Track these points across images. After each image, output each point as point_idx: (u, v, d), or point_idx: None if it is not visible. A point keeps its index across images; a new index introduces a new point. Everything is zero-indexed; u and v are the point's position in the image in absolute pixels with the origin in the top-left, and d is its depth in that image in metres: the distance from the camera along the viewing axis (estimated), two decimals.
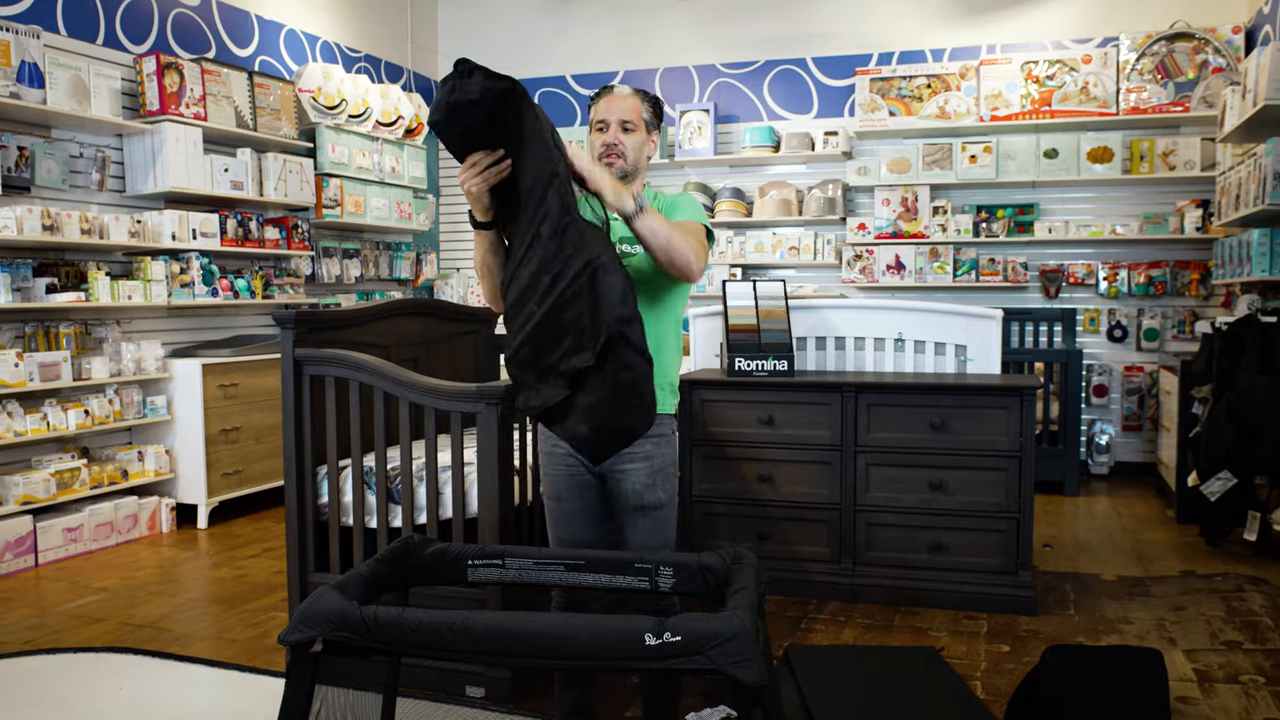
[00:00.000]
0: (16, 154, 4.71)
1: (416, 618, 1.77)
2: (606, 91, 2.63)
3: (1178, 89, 6.37)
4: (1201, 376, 4.99)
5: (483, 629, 1.75)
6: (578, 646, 1.75)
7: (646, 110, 2.60)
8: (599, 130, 2.59)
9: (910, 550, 4.02)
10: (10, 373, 4.55)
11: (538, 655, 1.76)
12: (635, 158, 2.56)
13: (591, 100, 2.65)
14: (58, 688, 3.23)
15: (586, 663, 1.78)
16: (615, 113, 2.56)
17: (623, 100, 2.59)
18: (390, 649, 1.81)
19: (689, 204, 2.63)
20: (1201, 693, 3.10)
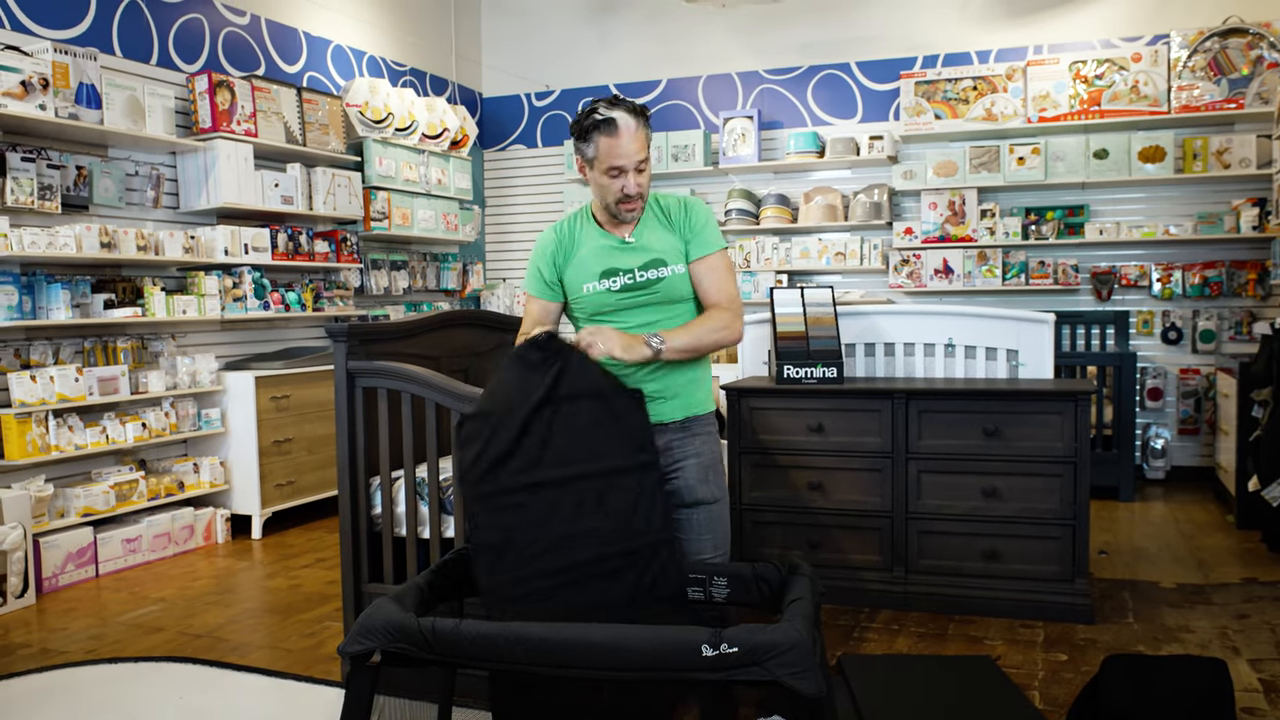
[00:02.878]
0: (75, 173, 4.81)
1: (474, 629, 1.79)
2: (609, 128, 2.42)
3: (1231, 85, 6.25)
4: (1261, 379, 4.88)
5: (538, 640, 1.76)
6: (634, 658, 1.75)
7: (648, 134, 2.51)
8: (612, 175, 2.45)
9: (964, 558, 3.97)
10: (71, 387, 4.65)
11: (594, 666, 1.76)
12: (648, 191, 2.56)
13: (584, 131, 2.45)
14: (120, 696, 3.28)
15: (642, 674, 1.78)
16: (631, 156, 2.44)
17: (633, 138, 2.44)
18: (447, 660, 1.83)
19: (706, 227, 2.57)
20: (1269, 704, 3.03)
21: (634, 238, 2.54)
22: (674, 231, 2.56)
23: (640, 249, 2.53)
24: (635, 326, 2.53)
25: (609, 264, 2.54)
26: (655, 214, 2.60)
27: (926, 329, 4.36)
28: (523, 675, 1.98)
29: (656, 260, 2.52)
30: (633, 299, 2.52)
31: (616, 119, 2.42)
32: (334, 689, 3.30)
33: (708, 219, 2.58)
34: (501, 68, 8.28)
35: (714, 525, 2.57)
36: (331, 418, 5.68)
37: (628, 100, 2.49)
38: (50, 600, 4.41)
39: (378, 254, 7.05)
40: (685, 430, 2.57)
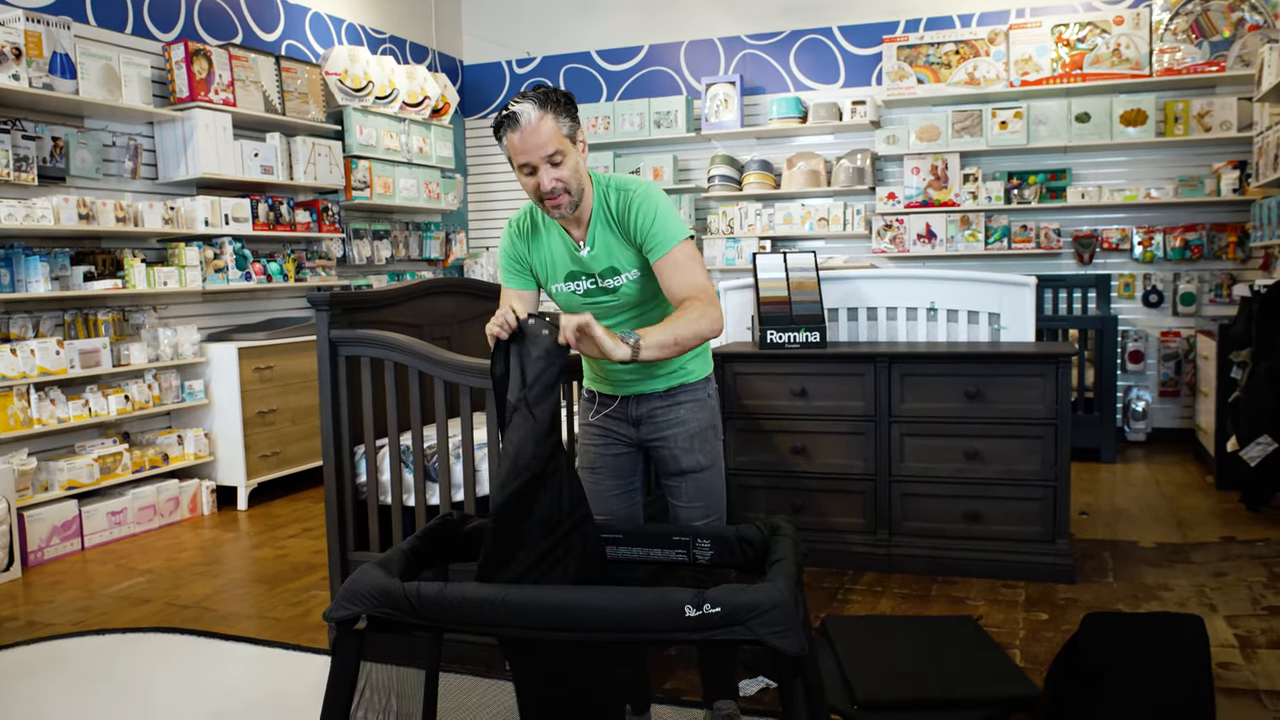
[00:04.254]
0: (51, 144, 4.76)
1: (458, 593, 1.79)
2: (511, 124, 2.24)
3: (1213, 48, 6.26)
4: (1240, 340, 4.92)
5: (523, 603, 1.77)
6: (617, 619, 1.76)
7: (565, 122, 2.27)
8: (526, 173, 2.29)
9: (946, 520, 4.01)
10: (52, 360, 4.62)
11: (578, 629, 1.77)
12: (577, 183, 2.31)
13: (496, 131, 2.28)
14: (108, 667, 3.30)
15: (626, 635, 1.79)
16: (536, 150, 2.24)
17: (536, 132, 2.23)
18: (433, 624, 1.83)
19: (655, 224, 2.34)
20: (1244, 658, 3.08)
21: (588, 245, 2.40)
22: (623, 235, 2.39)
23: (596, 257, 2.41)
24: (607, 324, 2.45)
25: (571, 267, 2.45)
26: (605, 214, 2.40)
27: (909, 293, 4.38)
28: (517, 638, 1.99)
29: (612, 269, 2.41)
30: (597, 301, 2.46)
31: (518, 113, 2.22)
32: (322, 657, 3.32)
33: (656, 213, 2.35)
34: (482, 35, 8.20)
35: (704, 493, 2.54)
36: (315, 388, 5.67)
37: (542, 89, 2.28)
38: (36, 574, 4.41)
39: (360, 223, 7.02)
40: (669, 398, 2.54)
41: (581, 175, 2.34)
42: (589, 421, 2.62)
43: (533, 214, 2.50)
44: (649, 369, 2.50)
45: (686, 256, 2.34)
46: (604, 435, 2.59)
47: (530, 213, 2.51)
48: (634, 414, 2.55)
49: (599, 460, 2.60)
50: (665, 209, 2.36)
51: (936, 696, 2.83)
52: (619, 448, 2.59)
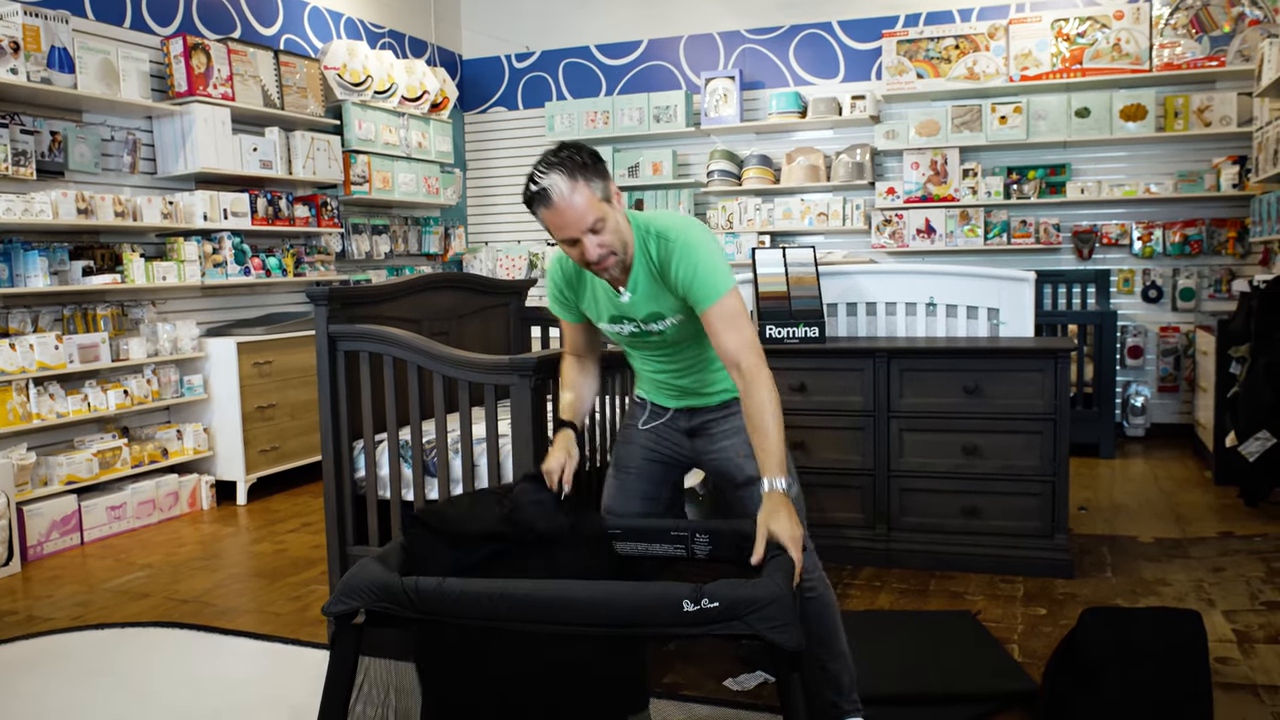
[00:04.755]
0: (49, 138, 4.76)
1: (457, 587, 1.79)
2: (543, 201, 2.16)
3: (1213, 43, 6.25)
4: (1239, 336, 4.92)
5: (523, 596, 1.77)
6: (617, 613, 1.76)
7: (597, 186, 2.19)
8: (568, 245, 2.24)
9: (945, 515, 4.01)
10: (51, 355, 4.62)
11: (578, 622, 1.77)
12: (621, 242, 2.26)
13: (528, 204, 2.21)
14: (107, 662, 3.30)
15: (624, 629, 1.80)
16: (574, 227, 2.18)
17: (571, 208, 2.16)
18: (431, 619, 1.84)
19: (696, 278, 2.26)
20: (1241, 653, 3.08)
21: (629, 292, 2.35)
22: (666, 284, 2.32)
23: (637, 304, 2.36)
24: (655, 360, 2.50)
25: (615, 310, 2.41)
26: (647, 262, 2.33)
27: (908, 288, 4.38)
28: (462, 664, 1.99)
29: (655, 314, 2.37)
30: (644, 341, 2.45)
31: (549, 189, 2.15)
32: (321, 651, 3.32)
33: (697, 268, 2.26)
34: (481, 29, 8.19)
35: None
36: (314, 383, 5.67)
37: (564, 152, 2.20)
38: (35, 568, 4.41)
39: (358, 218, 7.01)
40: (724, 409, 2.52)
41: (624, 231, 2.27)
42: (638, 426, 2.62)
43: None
44: (702, 387, 2.51)
45: (730, 312, 2.27)
46: (651, 442, 2.59)
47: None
48: (687, 425, 2.55)
49: (636, 464, 2.60)
50: (706, 260, 2.27)
51: (935, 691, 2.84)
52: (660, 457, 2.59)
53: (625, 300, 2.36)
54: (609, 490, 2.64)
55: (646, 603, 1.76)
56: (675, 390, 2.54)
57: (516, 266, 7.81)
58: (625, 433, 2.67)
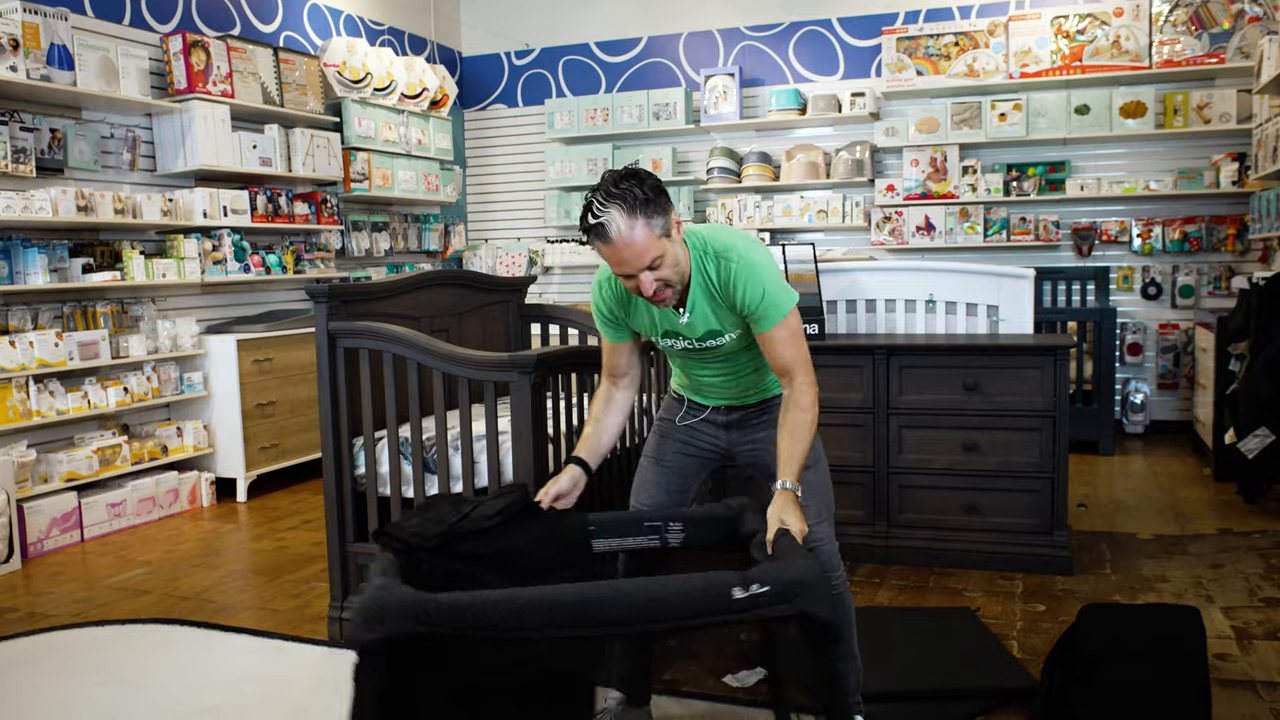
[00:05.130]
0: (49, 136, 4.76)
1: (501, 600, 1.71)
2: (600, 236, 2.12)
3: (1212, 40, 6.25)
4: (1238, 333, 4.92)
5: (576, 603, 1.71)
6: (671, 608, 1.76)
7: (657, 222, 2.14)
8: (624, 278, 2.23)
9: (944, 511, 4.02)
10: (51, 352, 4.62)
11: (634, 622, 1.75)
12: (678, 274, 2.24)
13: (584, 233, 2.17)
14: (107, 659, 3.30)
15: (679, 624, 1.80)
16: (631, 265, 2.15)
17: (629, 246, 2.12)
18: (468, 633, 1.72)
19: (763, 302, 2.26)
20: (1240, 649, 3.09)
21: (687, 312, 2.34)
22: (725, 303, 2.32)
23: (694, 324, 2.36)
24: (703, 368, 2.50)
25: (668, 327, 2.40)
26: (705, 283, 2.32)
27: (908, 285, 4.38)
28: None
29: (713, 332, 2.37)
30: (697, 355, 2.46)
31: (607, 225, 2.11)
32: (321, 648, 3.33)
33: (764, 289, 2.27)
34: (480, 26, 8.19)
35: (813, 491, 2.47)
36: (314, 380, 5.68)
37: (627, 184, 2.13)
38: (35, 565, 4.41)
39: (358, 215, 7.01)
40: (762, 405, 2.56)
41: (682, 262, 2.24)
42: (675, 421, 2.63)
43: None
44: (743, 390, 2.54)
45: (791, 333, 2.31)
46: (687, 436, 2.60)
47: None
48: (724, 420, 2.57)
49: (670, 456, 2.61)
50: (771, 280, 2.28)
51: (934, 687, 2.85)
52: (695, 451, 2.61)
53: (684, 321, 2.36)
54: (640, 480, 2.64)
55: (698, 594, 1.77)
56: (718, 392, 2.55)
57: (516, 264, 7.82)
58: (661, 426, 2.67)
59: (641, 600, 1.74)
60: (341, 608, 3.40)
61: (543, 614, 1.70)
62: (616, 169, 2.20)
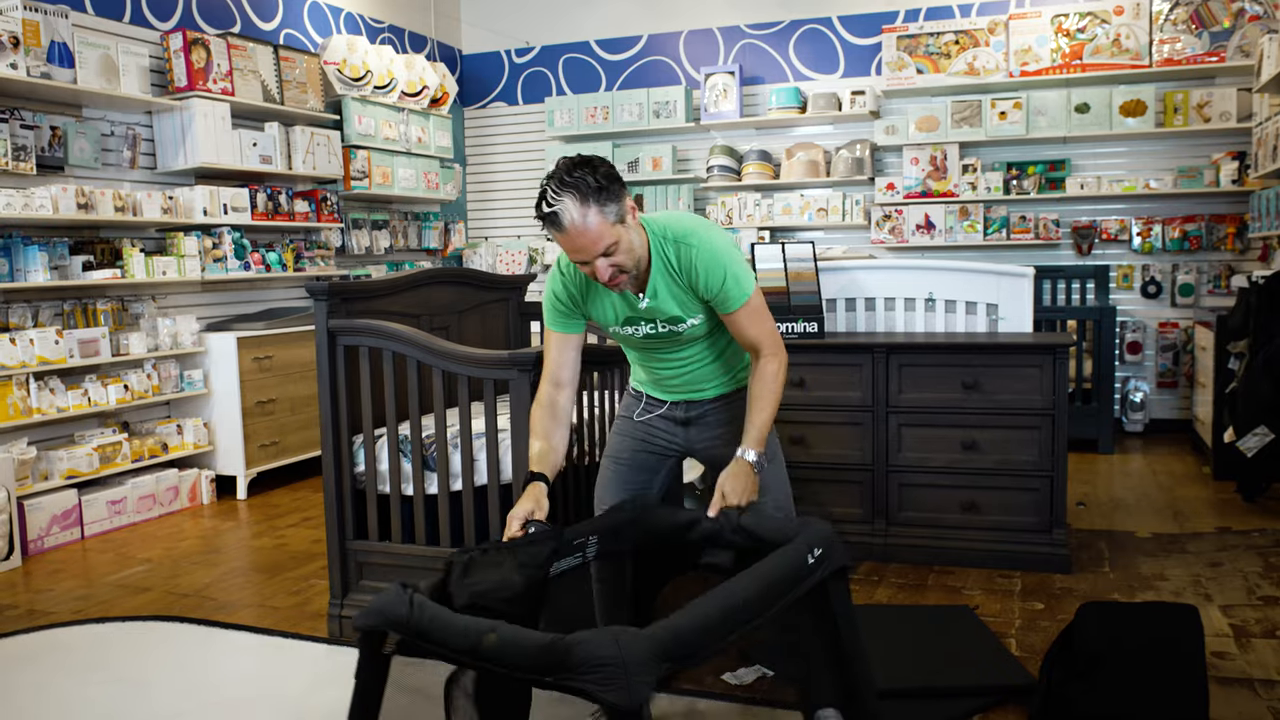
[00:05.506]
0: (49, 134, 4.76)
1: (680, 624, 1.68)
2: (552, 224, 2.13)
3: (1213, 38, 6.25)
4: (1238, 331, 4.93)
5: (736, 607, 1.74)
6: (779, 589, 1.86)
7: (611, 209, 2.15)
8: (579, 264, 2.24)
9: (943, 510, 4.02)
10: (51, 349, 4.62)
11: (755, 615, 1.80)
12: (634, 260, 2.26)
13: (540, 220, 2.17)
14: (108, 656, 3.31)
15: (785, 601, 1.88)
16: (585, 252, 2.18)
17: (582, 234, 2.14)
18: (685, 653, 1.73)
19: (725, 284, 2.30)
20: (1238, 648, 3.09)
21: (648, 297, 2.35)
22: (687, 286, 2.34)
23: (657, 308, 2.37)
24: (663, 357, 2.50)
25: (628, 313, 2.41)
26: (665, 267, 2.33)
27: (907, 284, 4.38)
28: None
29: (675, 317, 2.38)
30: (656, 342, 2.46)
31: (559, 213, 2.12)
32: (321, 645, 3.34)
33: (725, 273, 2.30)
34: (481, 24, 8.18)
35: (770, 487, 2.50)
36: (314, 378, 5.68)
37: (580, 173, 2.14)
38: (36, 562, 4.42)
39: (358, 213, 7.01)
40: (720, 400, 2.56)
41: (637, 248, 2.26)
42: (632, 418, 2.63)
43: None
44: (701, 381, 2.54)
45: (754, 309, 2.37)
46: (645, 434, 2.61)
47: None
48: (684, 416, 2.57)
49: (629, 454, 2.62)
50: (732, 263, 2.31)
51: (933, 685, 2.85)
52: (654, 448, 2.62)
53: (644, 305, 2.37)
54: (602, 480, 2.66)
55: (789, 568, 1.89)
56: (677, 385, 2.56)
57: (516, 261, 7.82)
58: (619, 424, 2.69)
59: (758, 592, 1.80)
60: (341, 605, 3.41)
61: (705, 635, 1.71)
62: (570, 156, 2.21)
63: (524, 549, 2.10)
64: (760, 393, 2.38)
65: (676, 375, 2.54)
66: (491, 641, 1.60)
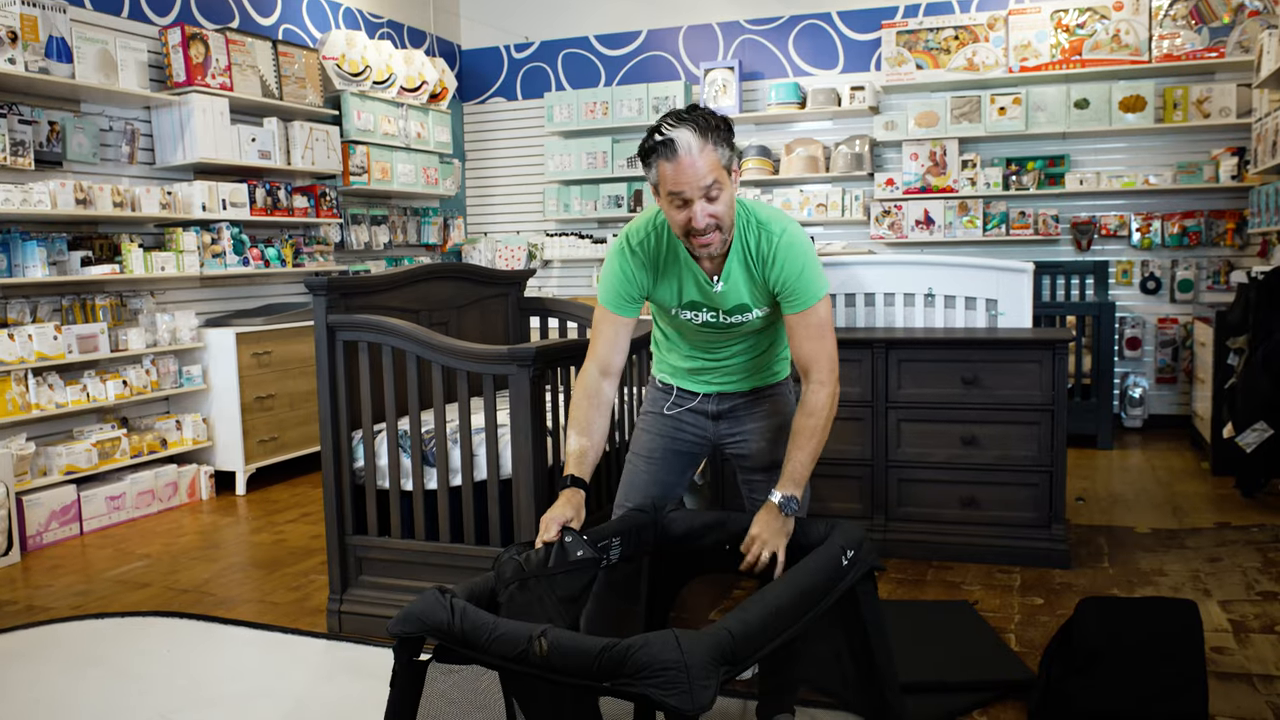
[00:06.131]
0: (48, 129, 4.75)
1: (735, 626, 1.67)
2: (667, 152, 2.07)
3: (1212, 34, 6.24)
4: (1237, 327, 4.93)
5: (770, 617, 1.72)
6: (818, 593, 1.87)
7: (724, 152, 2.12)
8: (676, 206, 2.13)
9: (943, 505, 4.02)
10: (49, 345, 4.62)
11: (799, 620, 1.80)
12: (730, 219, 2.19)
13: (645, 154, 2.13)
14: (107, 651, 3.31)
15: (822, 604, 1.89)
16: (693, 183, 2.09)
17: (694, 165, 2.07)
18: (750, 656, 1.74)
19: (801, 278, 2.24)
20: (1237, 643, 3.09)
21: (722, 280, 2.27)
22: (761, 278, 2.28)
23: (726, 294, 2.29)
24: (712, 348, 2.44)
25: (694, 297, 2.32)
26: (744, 252, 2.27)
27: (907, 279, 4.38)
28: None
29: (742, 307, 2.31)
30: (710, 332, 2.40)
31: (676, 140, 2.06)
32: (320, 640, 3.34)
33: (803, 268, 2.25)
34: (480, 19, 8.18)
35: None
36: (313, 373, 5.67)
37: (701, 112, 2.11)
38: (34, 558, 4.42)
39: (357, 209, 7.01)
40: (754, 394, 2.51)
41: (733, 206, 2.20)
42: (661, 412, 2.55)
43: (660, 233, 2.31)
44: (738, 374, 2.48)
45: (821, 321, 2.29)
46: (674, 429, 2.53)
47: (657, 231, 2.31)
48: (714, 409, 2.51)
49: (660, 450, 2.53)
50: (811, 261, 2.27)
51: (932, 680, 2.85)
52: (684, 443, 2.54)
53: (717, 290, 2.29)
54: (631, 479, 2.55)
55: (826, 570, 1.91)
56: (714, 378, 2.49)
57: (516, 257, 7.81)
58: (647, 419, 2.58)
59: (799, 599, 1.80)
60: (340, 600, 3.41)
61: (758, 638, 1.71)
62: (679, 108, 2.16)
63: (564, 579, 2.06)
64: (804, 426, 2.25)
65: (717, 366, 2.47)
66: (545, 648, 1.57)
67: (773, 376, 2.53)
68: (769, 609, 1.71)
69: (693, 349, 2.48)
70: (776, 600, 1.74)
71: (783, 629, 1.74)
